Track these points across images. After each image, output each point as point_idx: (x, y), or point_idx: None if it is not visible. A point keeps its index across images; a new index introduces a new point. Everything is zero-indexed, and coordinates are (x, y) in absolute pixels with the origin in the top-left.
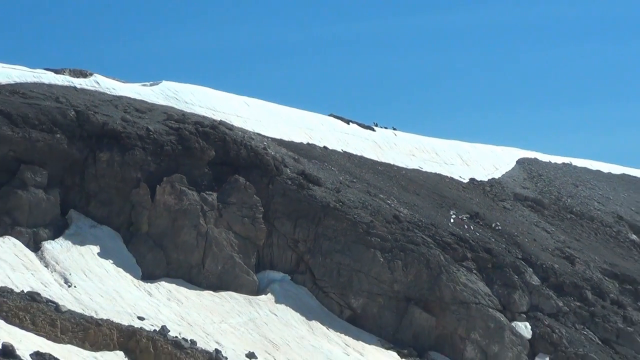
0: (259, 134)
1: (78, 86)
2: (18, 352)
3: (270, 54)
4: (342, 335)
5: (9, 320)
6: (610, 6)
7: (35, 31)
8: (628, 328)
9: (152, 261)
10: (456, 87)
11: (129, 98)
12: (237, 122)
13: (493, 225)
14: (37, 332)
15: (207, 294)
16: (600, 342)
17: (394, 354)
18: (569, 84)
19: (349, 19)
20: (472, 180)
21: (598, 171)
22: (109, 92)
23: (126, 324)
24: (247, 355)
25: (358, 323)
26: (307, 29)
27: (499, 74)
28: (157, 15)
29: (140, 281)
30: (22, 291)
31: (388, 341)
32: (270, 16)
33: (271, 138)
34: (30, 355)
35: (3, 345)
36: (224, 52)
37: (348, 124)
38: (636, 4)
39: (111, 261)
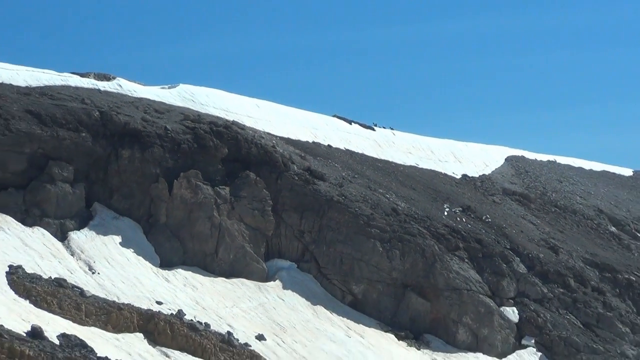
0: (268, 133)
1: (102, 89)
2: (46, 334)
3: (279, 60)
4: (344, 319)
5: (37, 305)
6: (590, 15)
7: (63, 38)
8: (607, 313)
9: (169, 250)
10: (450, 91)
11: (149, 100)
12: (248, 122)
13: (483, 218)
14: (64, 315)
15: (220, 280)
16: (581, 326)
17: (392, 336)
18: (554, 89)
19: (353, 27)
20: (464, 176)
21: (580, 168)
22: (130, 94)
23: (145, 308)
24: (256, 337)
25: (359, 308)
26: (313, 36)
27: (490, 80)
28: (175, 23)
29: (158, 268)
30: (50, 277)
31: (387, 324)
32: (279, 24)
33: (279, 137)
34: (57, 336)
35: (32, 327)
36: (237, 57)
37: (350, 124)
38: (616, 13)
39: (132, 250)
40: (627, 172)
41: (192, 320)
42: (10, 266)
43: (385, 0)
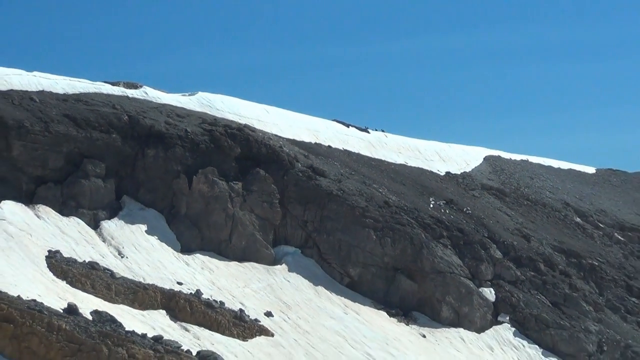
0: (276, 135)
1: (130, 95)
2: (80, 311)
3: (286, 71)
4: (342, 298)
5: (73, 285)
6: (559, 33)
7: (97, 50)
8: (573, 293)
9: (189, 237)
10: (436, 99)
11: (171, 105)
12: (258, 126)
13: (464, 210)
14: (96, 294)
15: (234, 264)
16: (550, 305)
17: (384, 314)
18: (526, 98)
19: (350, 42)
20: (447, 173)
21: (549, 166)
22: (155, 101)
23: (168, 288)
24: (265, 314)
25: (355, 288)
26: (316, 50)
27: (471, 90)
28: (195, 38)
29: (179, 253)
30: (84, 261)
31: (379, 303)
32: (287, 39)
33: (286, 138)
34: (90, 312)
35: (68, 304)
36: (249, 68)
37: (348, 127)
38: (583, 30)
39: (156, 237)
40: (591, 170)
41: (208, 299)
42: (49, 251)
43: (380, 18)
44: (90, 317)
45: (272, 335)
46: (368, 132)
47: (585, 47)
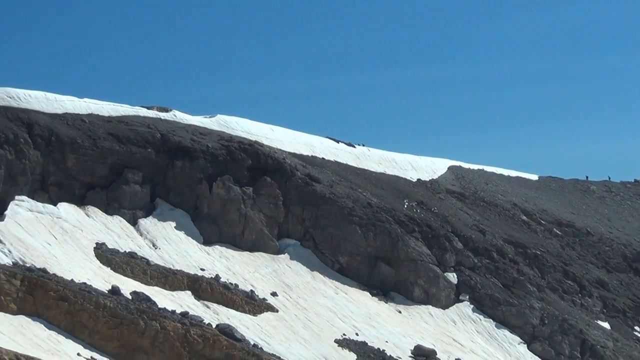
0: (279, 149)
1: (162, 117)
2: (122, 291)
3: (287, 96)
4: (334, 281)
5: (116, 271)
6: (509, 63)
7: (135, 80)
8: (520, 277)
9: (209, 232)
10: (409, 119)
11: (195, 125)
12: (265, 142)
13: (432, 210)
14: (134, 278)
15: (246, 253)
16: (501, 286)
17: (367, 294)
18: (482, 118)
19: (341, 73)
20: (418, 180)
21: (501, 174)
22: (182, 122)
23: (192, 273)
24: (271, 294)
25: (344, 273)
26: (312, 80)
27: (438, 112)
28: (214, 70)
29: (202, 245)
30: (125, 251)
31: (364, 285)
32: (288, 70)
33: (287, 152)
34: (129, 293)
35: (112, 286)
36: (258, 94)
37: (338, 143)
38: (526, 61)
39: (183, 232)
40: (534, 177)
41: (225, 282)
42: (96, 243)
43: (364, 53)
44: (129, 297)
45: (277, 311)
46: (354, 146)
47: (527, 77)
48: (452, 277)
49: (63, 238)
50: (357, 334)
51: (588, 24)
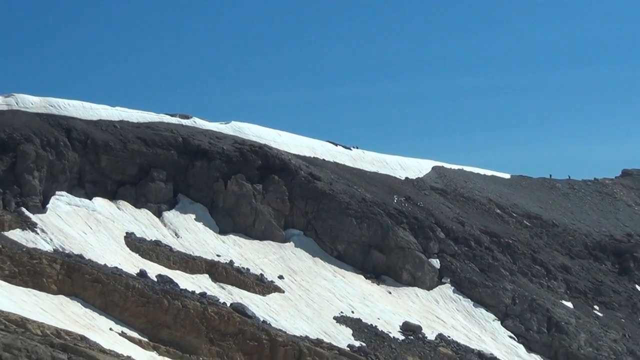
0: (286, 152)
1: (183, 123)
2: (148, 274)
3: (292, 105)
4: (333, 266)
5: (143, 256)
6: (485, 79)
7: (160, 89)
8: (494, 263)
9: (225, 223)
10: (398, 126)
11: (213, 130)
12: (273, 145)
13: (418, 204)
14: (159, 263)
15: (256, 242)
16: (478, 271)
17: (362, 277)
18: (462, 125)
19: (339, 84)
20: (406, 178)
21: (478, 173)
22: (201, 127)
23: (210, 259)
24: (278, 277)
25: (341, 259)
26: (314, 90)
27: (422, 121)
28: (229, 81)
29: (218, 234)
30: (151, 240)
31: (358, 269)
32: (293, 81)
33: (292, 154)
34: (155, 276)
35: (140, 270)
36: (267, 103)
37: (336, 146)
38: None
39: (201, 223)
40: (507, 176)
41: (238, 266)
42: (126, 233)
43: (360, 65)
44: (155, 279)
45: (283, 292)
46: (350, 149)
47: (501, 90)
48: (436, 262)
49: (97, 228)
50: (352, 312)
51: (546, 41)
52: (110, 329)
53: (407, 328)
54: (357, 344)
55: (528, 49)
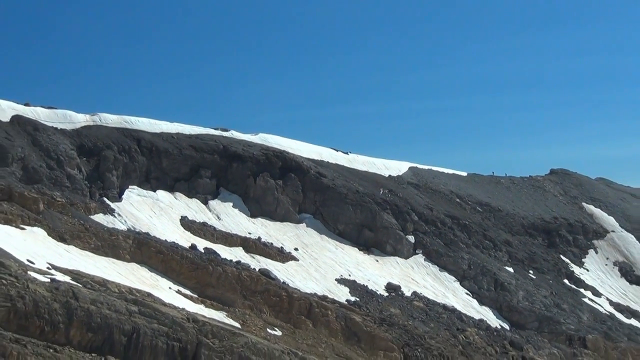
0: (300, 156)
1: (224, 135)
2: (198, 248)
3: (305, 123)
4: (335, 241)
5: (193, 234)
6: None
7: (205, 107)
8: (455, 238)
9: (255, 209)
10: (384, 138)
11: (245, 140)
12: (291, 151)
13: (398, 195)
14: (206, 239)
15: (278, 223)
16: (443, 244)
17: (356, 249)
18: (429, 135)
19: (342, 104)
20: (389, 175)
21: (442, 172)
22: (236, 138)
23: (243, 236)
24: (294, 249)
25: (341, 236)
26: (321, 109)
27: (399, 130)
28: (259, 103)
29: (249, 217)
30: (200, 222)
31: (354, 243)
32: (304, 102)
33: (305, 157)
34: (202, 248)
35: (191, 244)
36: (286, 120)
37: (337, 151)
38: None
39: (237, 209)
40: (464, 173)
41: (264, 241)
42: (181, 217)
43: (353, 87)
44: (202, 251)
45: (298, 260)
46: (347, 154)
47: (458, 109)
48: (411, 238)
49: (160, 213)
50: (349, 275)
51: (496, 68)
52: (169, 288)
53: (389, 287)
54: (352, 299)
55: (471, 79)
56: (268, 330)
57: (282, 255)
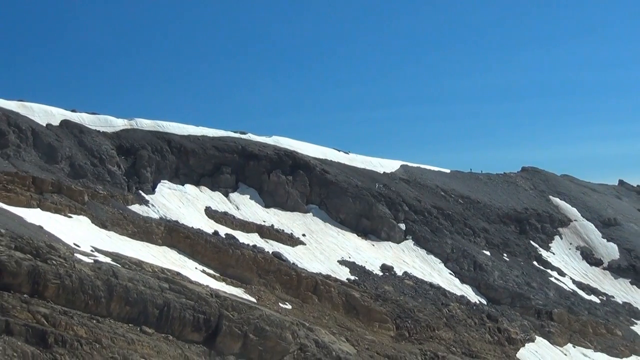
0: (307, 155)
1: (242, 137)
2: (219, 234)
3: (312, 126)
4: (337, 228)
5: (216, 221)
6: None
7: (228, 112)
8: (440, 226)
9: (269, 201)
10: (380, 139)
11: (260, 142)
12: (300, 151)
13: (391, 189)
14: (226, 226)
15: (288, 212)
16: (430, 231)
17: (355, 235)
18: (416, 139)
19: (346, 110)
20: (384, 172)
21: (430, 169)
22: (253, 139)
23: (258, 223)
24: (302, 235)
25: (343, 224)
26: (326, 115)
27: (393, 134)
28: (273, 110)
29: (264, 208)
30: (222, 211)
31: (354, 230)
32: (311, 110)
33: (312, 156)
34: (224, 234)
35: (214, 231)
36: (295, 124)
37: (339, 151)
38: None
39: (254, 201)
40: (447, 170)
41: (277, 228)
42: (206, 207)
43: (355, 96)
44: (224, 237)
45: (305, 244)
46: (348, 153)
47: (446, 116)
48: (402, 226)
49: (187, 204)
50: (349, 257)
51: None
52: (195, 268)
53: (384, 268)
54: (352, 277)
55: (455, 89)
56: (280, 304)
57: (292, 240)
